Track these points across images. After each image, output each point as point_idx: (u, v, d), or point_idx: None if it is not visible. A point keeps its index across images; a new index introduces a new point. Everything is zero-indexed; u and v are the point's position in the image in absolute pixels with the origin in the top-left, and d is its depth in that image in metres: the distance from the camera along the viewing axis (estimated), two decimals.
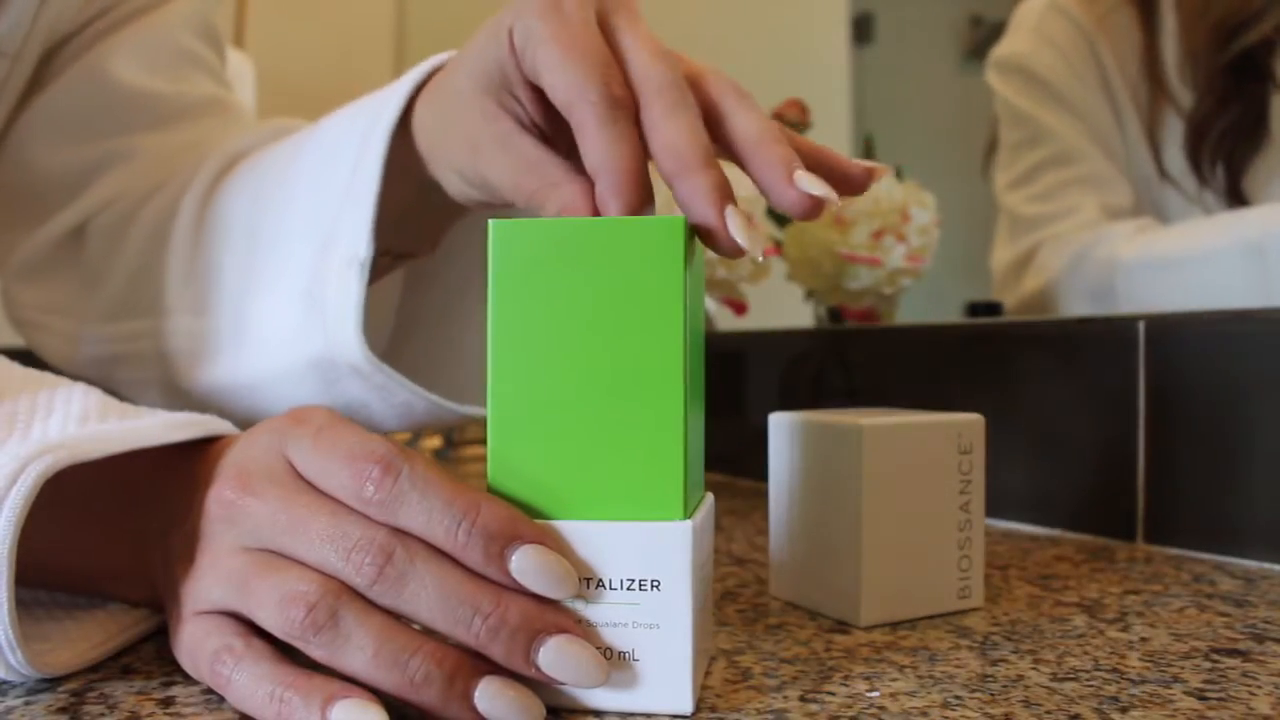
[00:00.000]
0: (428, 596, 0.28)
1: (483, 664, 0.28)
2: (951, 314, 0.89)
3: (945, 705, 0.30)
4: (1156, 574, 0.47)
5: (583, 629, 0.29)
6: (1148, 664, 0.34)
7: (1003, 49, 0.92)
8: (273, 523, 0.30)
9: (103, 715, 0.29)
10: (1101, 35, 0.85)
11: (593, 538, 0.29)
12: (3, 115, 0.53)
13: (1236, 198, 0.80)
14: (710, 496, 0.33)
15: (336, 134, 0.45)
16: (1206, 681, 0.32)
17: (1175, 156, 0.83)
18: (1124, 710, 0.30)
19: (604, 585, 0.29)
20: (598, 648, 0.29)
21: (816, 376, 0.75)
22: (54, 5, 0.52)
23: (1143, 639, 0.37)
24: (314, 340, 0.44)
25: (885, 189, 0.73)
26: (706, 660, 0.33)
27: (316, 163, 0.46)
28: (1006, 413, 0.60)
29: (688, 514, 0.29)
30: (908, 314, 0.80)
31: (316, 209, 0.45)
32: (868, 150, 0.85)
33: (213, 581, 0.30)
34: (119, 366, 0.54)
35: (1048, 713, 0.29)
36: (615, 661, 0.29)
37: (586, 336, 0.29)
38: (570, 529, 0.29)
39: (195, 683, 0.32)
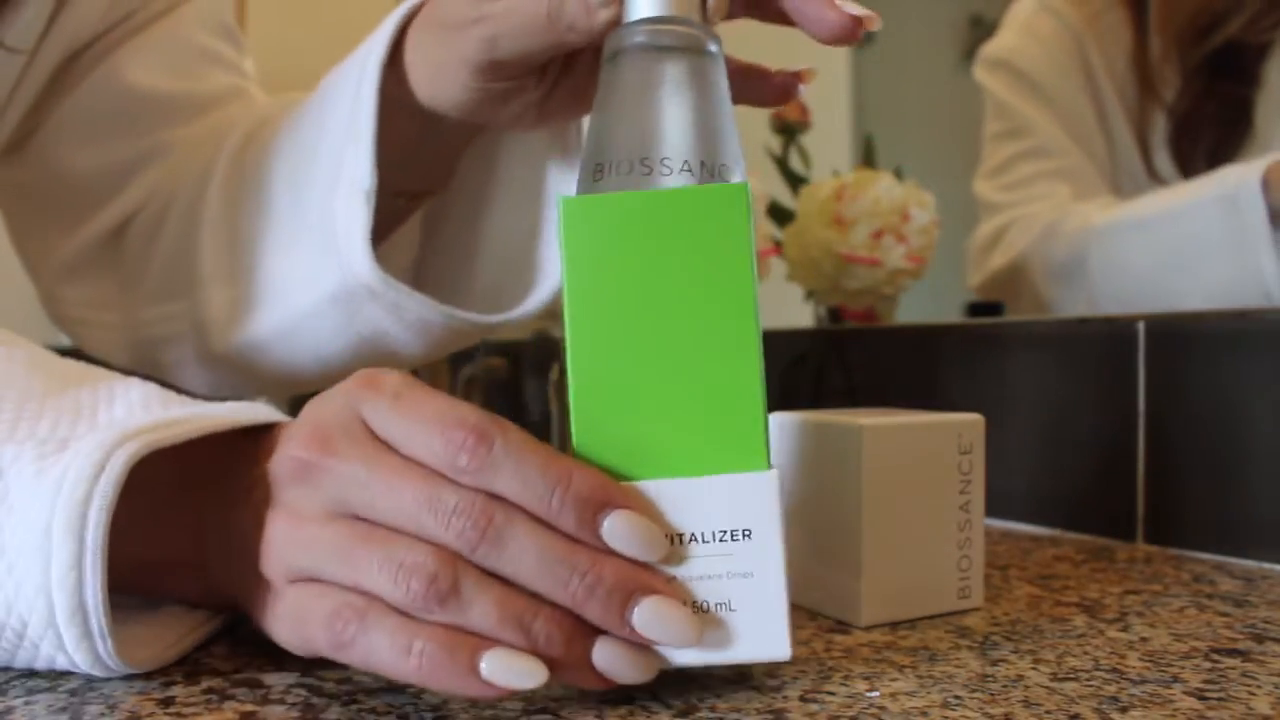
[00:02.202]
0: (527, 559, 0.28)
1: (590, 628, 0.29)
2: (951, 314, 0.89)
3: (945, 705, 0.30)
4: (1156, 574, 0.47)
5: (674, 588, 0.30)
6: (1148, 664, 0.34)
7: (991, 46, 0.92)
8: (359, 484, 0.29)
9: (103, 715, 0.29)
10: (1090, 35, 0.86)
11: (682, 495, 0.30)
12: (18, 114, 0.53)
13: None
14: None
15: (334, 83, 0.47)
16: (1206, 681, 0.32)
17: (1164, 156, 0.83)
18: (1124, 710, 0.30)
19: (696, 539, 0.30)
20: (692, 601, 0.30)
21: (816, 376, 0.75)
22: (75, 12, 0.53)
23: (1143, 639, 0.37)
24: (331, 273, 0.45)
25: (885, 189, 0.73)
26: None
27: (318, 114, 0.47)
28: (1006, 413, 0.60)
29: (769, 463, 0.30)
30: (908, 314, 0.80)
31: (323, 157, 0.46)
32: (868, 150, 0.85)
33: (301, 549, 0.30)
34: (162, 349, 0.55)
35: (1048, 713, 0.29)
36: (709, 615, 0.30)
37: (661, 301, 0.30)
38: (659, 488, 0.30)
39: (195, 683, 0.32)
